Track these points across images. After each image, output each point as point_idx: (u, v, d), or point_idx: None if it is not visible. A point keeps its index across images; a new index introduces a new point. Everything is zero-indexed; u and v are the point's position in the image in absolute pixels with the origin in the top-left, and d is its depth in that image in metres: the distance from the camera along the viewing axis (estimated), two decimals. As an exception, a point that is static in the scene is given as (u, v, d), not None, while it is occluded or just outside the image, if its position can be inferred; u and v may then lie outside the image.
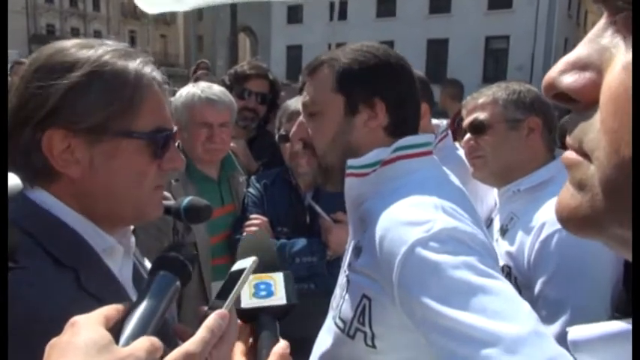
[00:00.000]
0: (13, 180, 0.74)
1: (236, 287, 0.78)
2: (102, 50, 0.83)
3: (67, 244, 0.80)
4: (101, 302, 0.76)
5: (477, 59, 24.57)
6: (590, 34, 0.37)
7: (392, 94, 1.11)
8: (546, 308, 1.34)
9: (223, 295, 0.78)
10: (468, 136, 1.64)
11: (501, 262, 1.49)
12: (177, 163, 0.92)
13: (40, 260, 0.76)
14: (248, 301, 0.90)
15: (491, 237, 1.60)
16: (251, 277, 0.92)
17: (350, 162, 1.10)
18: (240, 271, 0.81)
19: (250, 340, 0.89)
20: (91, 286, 0.79)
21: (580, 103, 0.37)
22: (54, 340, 0.58)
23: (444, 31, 25.12)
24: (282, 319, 0.90)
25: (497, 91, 1.61)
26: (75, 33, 40.82)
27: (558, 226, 1.33)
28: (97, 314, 0.62)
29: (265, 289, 0.92)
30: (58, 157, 0.80)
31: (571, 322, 1.29)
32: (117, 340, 0.61)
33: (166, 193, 1.42)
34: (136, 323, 0.64)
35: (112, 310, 0.64)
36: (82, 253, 0.82)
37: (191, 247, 0.72)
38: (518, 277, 1.45)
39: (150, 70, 0.86)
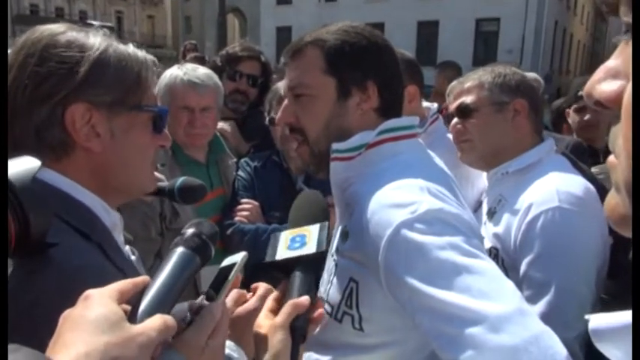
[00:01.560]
0: (32, 162, 0.73)
1: (228, 279, 0.79)
2: (100, 33, 0.88)
3: (87, 221, 0.83)
4: (126, 276, 0.77)
5: (468, 42, 24.47)
6: (622, 43, 0.38)
7: (382, 76, 1.10)
8: (531, 289, 1.36)
9: (215, 288, 0.79)
10: (455, 120, 1.65)
11: (489, 244, 1.51)
12: (168, 141, 0.99)
13: (72, 236, 0.78)
14: (281, 253, 0.94)
15: (480, 219, 1.62)
16: (288, 232, 0.98)
17: (335, 146, 1.09)
18: (231, 266, 0.82)
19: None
20: (114, 258, 0.82)
21: (615, 109, 0.39)
22: (67, 312, 0.59)
23: (434, 13, 24.93)
24: (319, 271, 0.93)
25: (482, 74, 1.61)
26: (59, 13, 39.92)
27: (544, 207, 1.38)
28: (111, 289, 0.62)
29: (300, 241, 0.96)
30: (80, 132, 0.83)
31: (555, 302, 1.31)
32: (134, 314, 0.61)
33: (160, 175, 1.41)
34: (152, 300, 0.64)
35: (128, 284, 0.64)
36: (98, 228, 0.85)
37: (210, 225, 0.73)
38: (505, 258, 1.47)
39: (144, 53, 0.93)
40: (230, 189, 2.04)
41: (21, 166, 0.71)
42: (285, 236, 0.98)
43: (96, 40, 0.86)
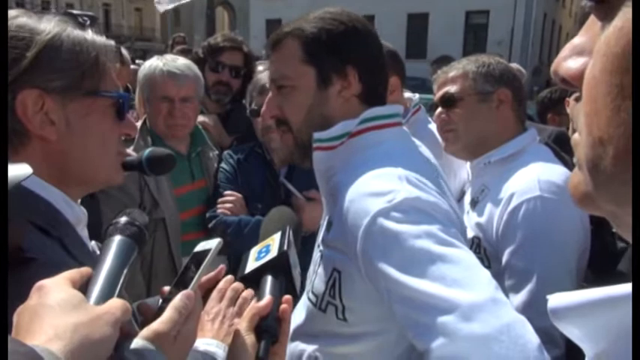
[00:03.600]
0: (21, 169, 0.70)
1: (202, 267, 0.78)
2: (55, 20, 0.85)
3: (47, 215, 0.80)
4: None
5: (458, 34, 24.46)
6: (589, 20, 0.38)
7: (363, 61, 1.09)
8: (513, 277, 1.37)
9: (187, 275, 0.78)
10: (439, 110, 1.64)
11: (472, 234, 1.51)
12: (132, 129, 0.97)
13: (31, 232, 0.76)
14: (250, 266, 0.95)
15: (462, 209, 1.62)
16: (256, 247, 0.99)
17: (317, 135, 1.08)
18: (205, 252, 0.82)
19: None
20: (76, 254, 0.80)
21: (579, 86, 0.38)
22: (22, 307, 0.58)
23: (424, 6, 24.88)
24: (288, 274, 0.93)
25: (467, 64, 1.61)
26: (45, 6, 39.35)
27: (526, 196, 1.38)
28: (63, 277, 0.61)
29: (265, 251, 0.96)
30: (33, 119, 0.80)
31: (537, 291, 1.32)
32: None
33: (128, 150, 1.39)
34: (103, 286, 0.64)
35: (75, 273, 0.64)
36: (60, 223, 0.82)
37: (140, 213, 0.74)
38: (487, 248, 1.48)
39: (104, 39, 0.89)
40: (212, 181, 2.03)
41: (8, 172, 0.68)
42: (254, 251, 1.00)
43: (48, 24, 0.83)
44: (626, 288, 0.37)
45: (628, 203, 0.34)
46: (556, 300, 0.41)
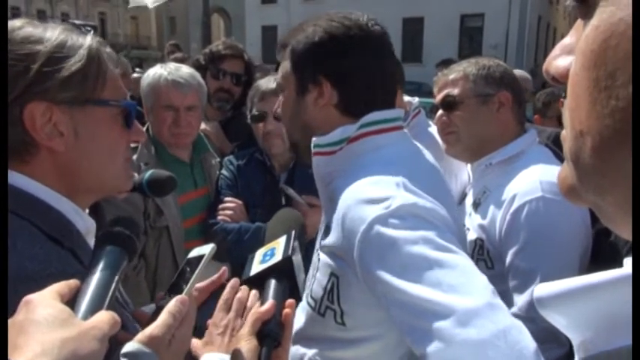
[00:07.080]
0: None
1: (196, 272, 0.79)
2: (59, 28, 0.84)
3: (59, 226, 0.80)
4: None
5: (453, 38, 24.57)
6: (578, 20, 0.39)
7: (336, 71, 1.07)
8: (517, 278, 1.38)
9: (181, 280, 0.78)
10: (440, 112, 1.65)
11: (474, 235, 1.52)
12: (141, 136, 0.96)
13: (45, 243, 0.76)
14: (255, 268, 0.96)
15: (464, 211, 1.63)
16: (261, 249, 1.01)
17: (316, 140, 1.09)
18: (199, 258, 0.82)
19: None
20: (88, 265, 0.79)
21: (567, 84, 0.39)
22: (11, 320, 0.57)
23: (419, 10, 25.00)
24: (292, 279, 0.94)
25: (467, 66, 1.61)
26: (41, 16, 39.38)
27: (528, 197, 1.39)
28: (50, 291, 0.61)
29: (270, 254, 0.97)
30: (41, 131, 0.79)
31: (541, 291, 1.33)
32: (76, 314, 0.61)
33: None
34: (92, 298, 0.64)
35: (63, 286, 0.63)
36: (72, 234, 0.82)
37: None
38: (490, 249, 1.48)
39: (105, 47, 0.90)
40: (214, 188, 2.03)
41: None
42: (259, 253, 1.01)
43: (53, 33, 0.82)
44: (608, 275, 0.38)
45: (608, 193, 0.36)
46: (541, 289, 0.42)
